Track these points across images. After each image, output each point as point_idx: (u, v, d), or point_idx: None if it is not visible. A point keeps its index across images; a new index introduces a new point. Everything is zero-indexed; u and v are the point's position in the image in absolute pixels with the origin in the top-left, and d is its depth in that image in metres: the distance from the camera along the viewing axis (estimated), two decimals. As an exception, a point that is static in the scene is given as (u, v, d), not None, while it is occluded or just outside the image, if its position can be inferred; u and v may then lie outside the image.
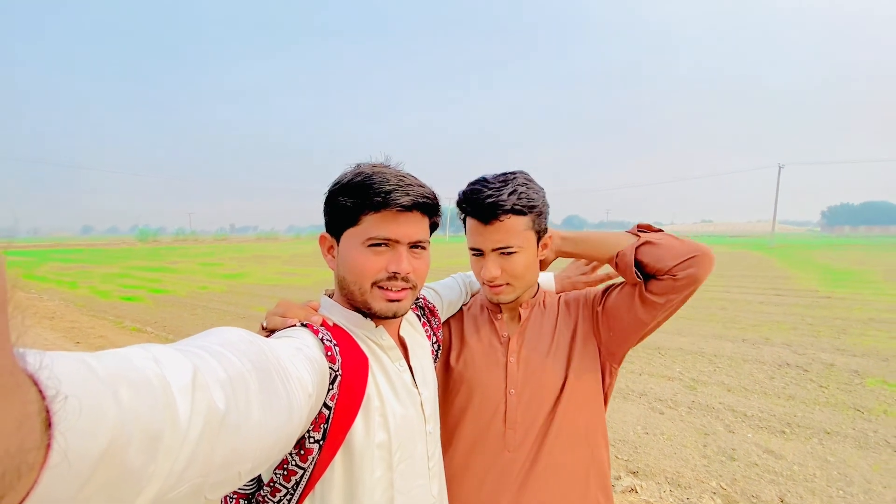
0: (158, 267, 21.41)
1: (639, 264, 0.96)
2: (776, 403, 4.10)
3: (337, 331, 0.78)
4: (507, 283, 1.03)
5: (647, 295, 0.96)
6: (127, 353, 0.38)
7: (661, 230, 1.01)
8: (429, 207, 0.83)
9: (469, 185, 1.01)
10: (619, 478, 2.93)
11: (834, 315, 7.96)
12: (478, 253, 1.02)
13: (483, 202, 0.96)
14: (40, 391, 0.26)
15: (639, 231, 1.02)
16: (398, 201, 0.77)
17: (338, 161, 0.83)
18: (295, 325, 0.74)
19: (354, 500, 0.75)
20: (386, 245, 0.79)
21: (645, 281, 0.97)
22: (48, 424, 0.26)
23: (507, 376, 1.06)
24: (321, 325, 0.76)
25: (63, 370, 0.29)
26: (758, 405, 4.06)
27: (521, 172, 1.02)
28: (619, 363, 1.11)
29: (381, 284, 0.80)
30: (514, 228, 0.98)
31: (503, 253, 1.00)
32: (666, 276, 0.92)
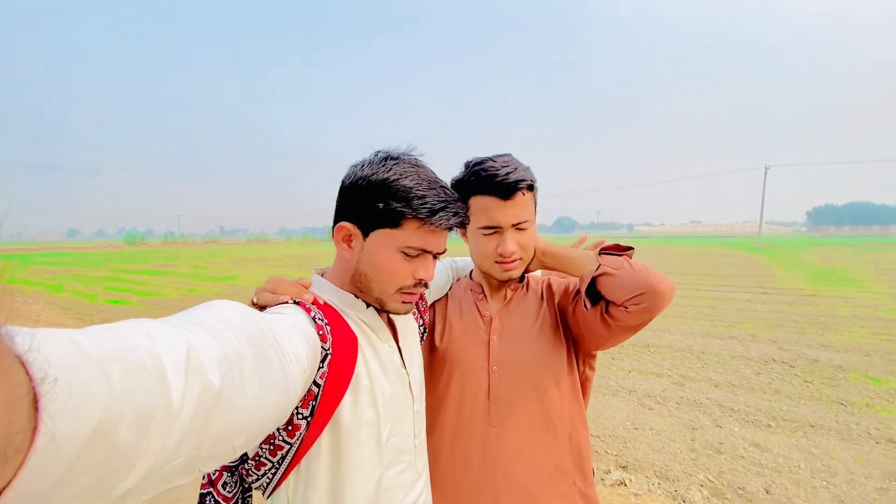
0: (147, 270, 21.11)
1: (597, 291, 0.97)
2: (762, 398, 4.17)
3: (327, 309, 0.79)
4: (520, 258, 1.05)
5: (606, 316, 0.97)
6: (120, 330, 0.38)
7: (628, 249, 0.99)
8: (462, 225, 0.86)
9: (476, 166, 1.02)
10: (608, 472, 2.96)
11: (818, 312, 8.11)
12: (492, 230, 1.03)
13: (505, 178, 0.99)
14: (28, 373, 0.26)
15: (603, 252, 1.00)
16: (448, 222, 0.79)
17: (330, 164, 0.81)
18: (287, 303, 0.74)
19: (341, 475, 0.76)
20: (418, 254, 0.80)
21: (606, 302, 0.97)
22: (36, 407, 0.26)
23: (489, 354, 1.08)
24: (313, 303, 0.77)
25: (53, 351, 0.29)
26: (744, 400, 4.13)
27: (510, 154, 1.06)
28: (593, 357, 1.15)
29: (404, 290, 0.82)
30: (527, 203, 1.04)
31: (519, 228, 1.03)
32: (620, 307, 0.93)
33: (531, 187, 1.04)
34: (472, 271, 1.24)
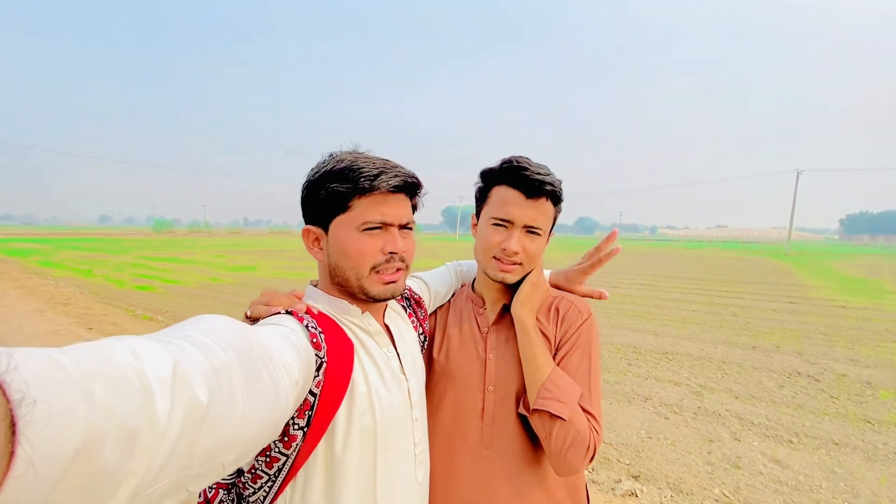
0: (172, 258, 21.71)
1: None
2: (784, 412, 4.03)
3: (322, 318, 0.78)
4: (521, 263, 1.01)
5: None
6: (104, 347, 0.37)
7: (559, 412, 0.91)
8: (414, 188, 0.86)
9: (509, 159, 1.00)
10: (619, 481, 2.90)
11: (849, 325, 7.80)
12: (503, 224, 1.00)
13: (533, 174, 0.97)
14: (5, 395, 0.25)
15: (542, 396, 0.93)
16: (389, 183, 0.79)
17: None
18: (279, 313, 0.74)
19: (336, 485, 0.75)
20: (379, 228, 0.81)
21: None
22: (13, 431, 0.25)
23: (485, 373, 1.04)
24: (306, 312, 0.76)
25: (31, 371, 0.28)
26: (765, 413, 4.00)
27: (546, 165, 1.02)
28: None
29: (378, 269, 0.81)
30: (546, 212, 1.01)
31: (530, 231, 1.00)
32: None
33: (556, 199, 1.01)
34: (474, 280, 1.19)
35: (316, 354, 0.69)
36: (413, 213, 0.89)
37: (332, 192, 0.78)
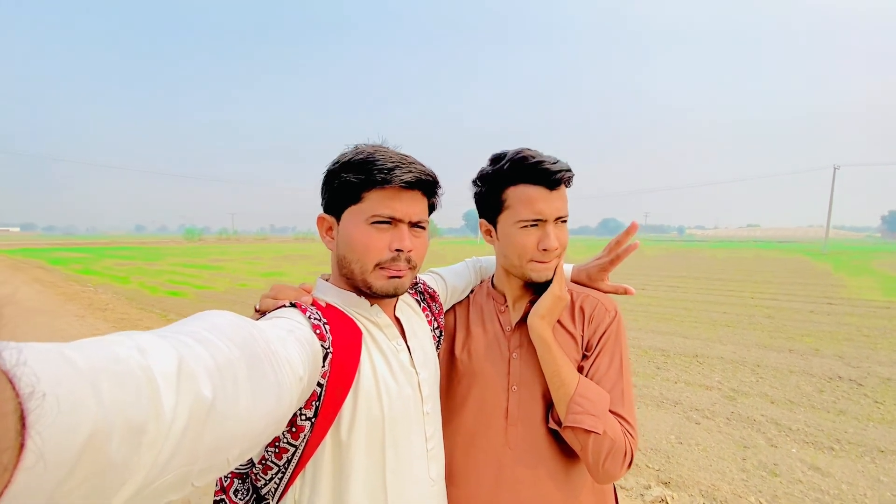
0: (202, 265, 22.39)
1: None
2: (825, 418, 3.85)
3: (330, 310, 0.78)
4: (558, 257, 0.99)
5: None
6: (110, 343, 0.37)
7: (593, 427, 0.88)
8: (429, 186, 0.84)
9: (518, 156, 0.95)
10: (648, 487, 2.82)
11: (893, 326, 7.40)
12: (535, 224, 0.95)
13: (552, 166, 0.92)
14: (15, 389, 0.25)
15: (573, 412, 0.91)
16: (402, 178, 0.77)
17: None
18: (285, 306, 0.74)
19: (344, 477, 0.74)
20: (388, 223, 0.79)
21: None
22: (23, 423, 0.25)
23: (509, 372, 1.02)
24: (311, 304, 0.76)
25: (41, 365, 0.28)
26: (804, 419, 3.83)
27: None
28: None
29: (383, 265, 0.80)
30: (567, 197, 0.98)
31: (561, 221, 0.97)
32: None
33: (570, 181, 0.98)
34: (493, 276, 1.16)
35: (321, 346, 0.69)
36: (431, 212, 0.87)
37: (345, 182, 0.79)
